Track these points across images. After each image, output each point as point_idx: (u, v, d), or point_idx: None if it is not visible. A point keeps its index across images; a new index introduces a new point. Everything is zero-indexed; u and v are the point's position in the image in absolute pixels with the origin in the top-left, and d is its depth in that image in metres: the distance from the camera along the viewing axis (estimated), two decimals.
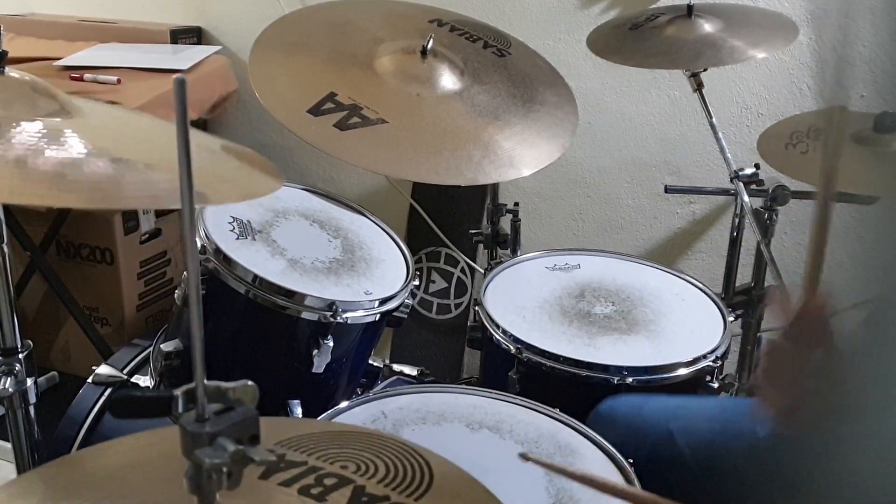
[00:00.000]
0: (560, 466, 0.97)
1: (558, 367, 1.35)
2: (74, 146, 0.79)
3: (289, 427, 0.84)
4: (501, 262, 1.67)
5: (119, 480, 0.73)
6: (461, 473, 0.75)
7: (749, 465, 1.07)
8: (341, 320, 1.30)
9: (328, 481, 0.70)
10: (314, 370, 1.33)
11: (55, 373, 1.23)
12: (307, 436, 0.78)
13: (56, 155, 0.77)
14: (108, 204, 0.78)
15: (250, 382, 0.55)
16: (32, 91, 0.88)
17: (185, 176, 0.49)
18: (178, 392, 0.54)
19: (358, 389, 1.53)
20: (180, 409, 0.54)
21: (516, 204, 1.84)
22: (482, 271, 2.13)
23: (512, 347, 1.39)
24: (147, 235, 2.28)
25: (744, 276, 1.86)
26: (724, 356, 1.41)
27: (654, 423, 1.15)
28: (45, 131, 0.80)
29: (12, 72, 0.92)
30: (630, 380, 1.32)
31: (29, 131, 0.80)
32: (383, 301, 1.38)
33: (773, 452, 1.05)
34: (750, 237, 1.77)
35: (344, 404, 1.18)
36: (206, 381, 0.54)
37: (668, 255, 2.25)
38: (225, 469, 0.53)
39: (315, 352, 1.31)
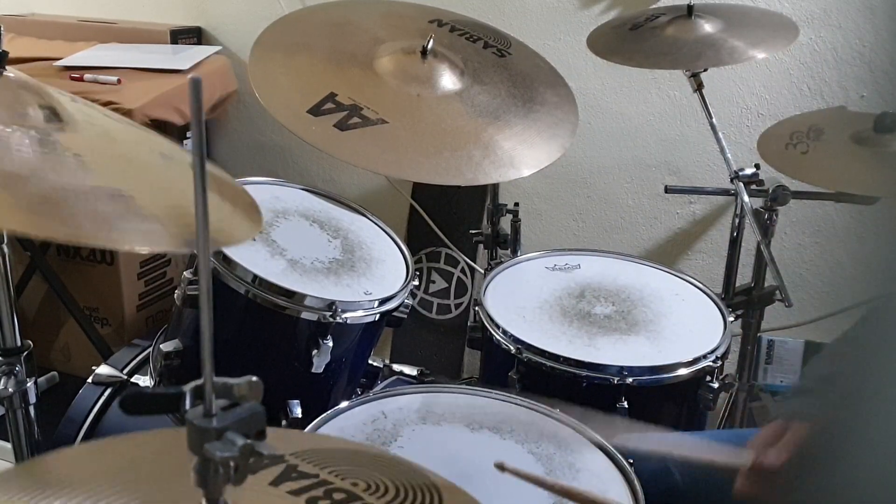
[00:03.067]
0: (537, 477, 0.98)
1: (558, 367, 1.35)
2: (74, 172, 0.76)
3: (305, 440, 0.84)
4: (501, 263, 1.67)
5: (118, 478, 0.73)
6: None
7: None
8: (341, 320, 1.30)
9: (336, 496, 0.70)
10: (314, 370, 1.33)
11: (55, 373, 1.23)
12: (323, 450, 0.78)
13: (55, 179, 0.74)
14: (102, 242, 0.75)
15: (255, 378, 0.55)
16: (26, 93, 0.87)
17: (199, 174, 0.49)
18: (186, 388, 0.55)
19: (358, 389, 1.53)
20: (188, 405, 0.55)
21: (516, 204, 1.84)
22: (482, 271, 2.13)
23: (512, 347, 1.39)
24: None
25: (744, 276, 1.86)
26: (724, 356, 1.41)
27: (651, 457, 1.16)
28: (43, 149, 0.77)
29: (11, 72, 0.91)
30: (630, 380, 1.32)
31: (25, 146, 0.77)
32: (383, 301, 1.38)
33: None
34: (750, 237, 1.77)
35: (344, 404, 1.18)
36: (213, 378, 0.54)
37: (668, 255, 2.25)
38: (233, 463, 0.53)
39: (315, 352, 1.31)
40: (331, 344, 1.31)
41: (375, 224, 1.58)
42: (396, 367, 1.62)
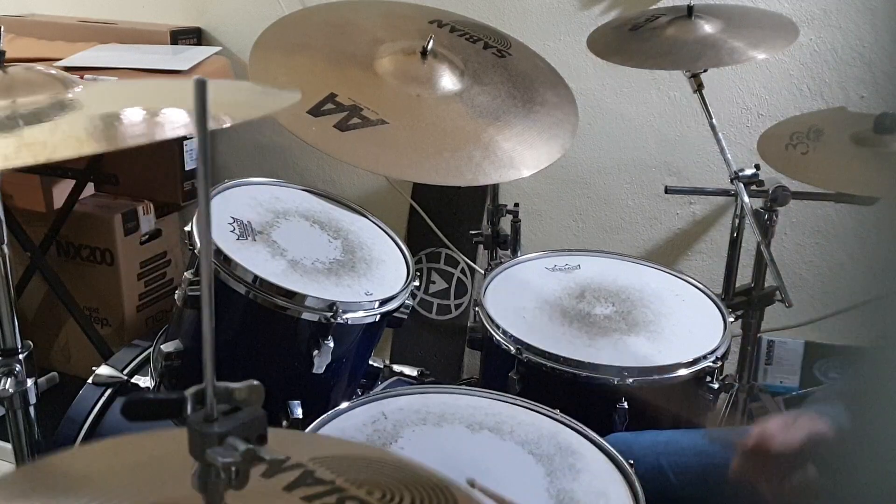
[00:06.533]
0: (503, 499, 0.98)
1: (558, 367, 1.35)
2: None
3: (326, 445, 0.84)
4: (501, 263, 1.67)
5: (118, 481, 0.72)
6: None
7: (734, 493, 1.09)
8: (342, 321, 1.30)
9: None
10: (314, 371, 1.33)
11: (55, 373, 1.23)
12: (342, 457, 0.78)
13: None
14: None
15: (256, 383, 0.55)
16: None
17: (203, 176, 0.49)
18: (188, 393, 0.55)
19: (358, 390, 1.53)
20: (189, 410, 0.54)
21: (516, 205, 1.84)
22: (482, 272, 2.13)
23: (512, 348, 1.39)
24: (147, 236, 2.28)
25: (744, 277, 1.86)
26: (724, 357, 1.41)
27: (645, 458, 1.18)
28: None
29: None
30: (630, 380, 1.33)
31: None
32: (383, 302, 1.38)
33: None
34: (750, 238, 1.78)
35: (344, 405, 1.18)
36: (215, 383, 0.54)
37: (668, 255, 2.25)
38: (234, 468, 0.53)
39: (315, 352, 1.31)
40: (332, 344, 1.31)
41: (376, 224, 1.58)
42: (397, 367, 1.62)
